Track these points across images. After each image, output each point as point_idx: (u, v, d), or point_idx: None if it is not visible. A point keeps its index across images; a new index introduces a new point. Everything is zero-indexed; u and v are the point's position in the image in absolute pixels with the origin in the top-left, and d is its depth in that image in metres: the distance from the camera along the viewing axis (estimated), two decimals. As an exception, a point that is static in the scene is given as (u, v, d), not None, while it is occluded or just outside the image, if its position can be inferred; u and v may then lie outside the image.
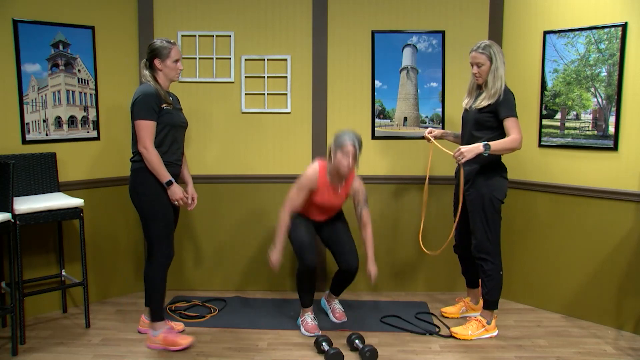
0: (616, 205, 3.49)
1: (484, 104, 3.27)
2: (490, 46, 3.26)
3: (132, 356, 3.16)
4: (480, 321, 3.42)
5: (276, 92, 4.12)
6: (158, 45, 3.13)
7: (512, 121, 3.22)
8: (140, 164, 3.11)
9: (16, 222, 3.21)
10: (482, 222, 3.33)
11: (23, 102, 3.56)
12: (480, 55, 3.27)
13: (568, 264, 3.73)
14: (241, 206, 4.19)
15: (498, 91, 3.24)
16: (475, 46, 3.30)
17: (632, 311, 3.47)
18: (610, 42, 3.43)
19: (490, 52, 3.25)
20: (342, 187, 3.43)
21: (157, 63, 3.14)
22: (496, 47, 3.28)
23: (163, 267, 3.20)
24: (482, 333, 3.41)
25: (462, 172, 3.32)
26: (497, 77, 3.25)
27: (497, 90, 3.24)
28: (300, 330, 3.47)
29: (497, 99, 3.23)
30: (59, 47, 3.68)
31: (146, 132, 3.05)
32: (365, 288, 4.22)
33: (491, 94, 3.25)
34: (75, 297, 3.89)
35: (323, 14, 4.04)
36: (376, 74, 4.09)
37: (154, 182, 3.11)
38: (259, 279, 4.23)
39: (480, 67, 3.28)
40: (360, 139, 3.29)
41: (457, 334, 3.40)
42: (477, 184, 3.34)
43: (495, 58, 3.25)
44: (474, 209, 3.36)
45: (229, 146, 4.15)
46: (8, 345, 3.24)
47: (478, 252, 3.37)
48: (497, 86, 3.24)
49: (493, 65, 3.25)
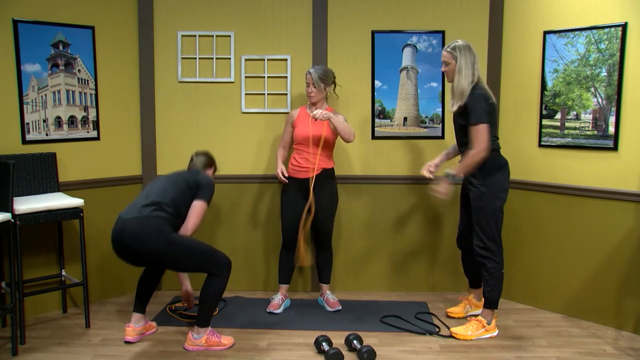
0: (616, 205, 3.49)
1: (455, 107, 3.29)
2: (459, 47, 3.25)
3: (132, 356, 3.16)
4: (480, 321, 3.42)
5: (276, 92, 4.12)
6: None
7: (475, 130, 3.19)
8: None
9: (16, 222, 3.21)
10: (485, 220, 3.32)
11: (23, 102, 3.56)
12: (447, 54, 3.29)
13: (568, 264, 3.73)
14: (241, 206, 4.19)
15: (464, 93, 3.23)
16: (446, 45, 3.32)
17: (632, 311, 3.47)
18: (610, 42, 3.43)
19: (456, 52, 3.25)
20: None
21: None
22: (465, 49, 3.25)
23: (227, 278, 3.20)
24: (482, 333, 3.41)
25: (445, 184, 3.33)
26: (461, 77, 3.24)
27: (462, 91, 3.24)
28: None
29: (466, 102, 3.23)
30: (59, 47, 3.68)
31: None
32: (365, 288, 4.22)
33: (457, 95, 3.27)
34: (75, 297, 3.89)
35: (323, 14, 4.04)
36: (376, 74, 4.09)
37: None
38: (259, 279, 4.23)
39: (447, 66, 3.31)
40: (325, 69, 3.69)
41: (457, 334, 3.40)
42: (477, 182, 3.33)
43: (459, 58, 3.24)
44: (477, 206, 3.34)
45: (229, 146, 4.15)
46: (8, 345, 3.24)
47: (480, 249, 3.36)
48: (461, 87, 3.24)
49: (457, 65, 3.24)
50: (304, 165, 3.67)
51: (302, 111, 3.79)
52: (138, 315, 3.36)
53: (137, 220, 2.99)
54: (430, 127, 4.11)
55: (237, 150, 4.16)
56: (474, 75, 3.26)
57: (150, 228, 2.97)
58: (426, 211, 4.17)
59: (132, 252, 3.01)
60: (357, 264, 4.23)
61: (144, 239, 2.95)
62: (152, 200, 3.07)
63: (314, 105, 3.73)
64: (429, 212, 4.17)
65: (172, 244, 3.01)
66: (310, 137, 3.65)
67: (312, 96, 3.69)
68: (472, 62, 3.25)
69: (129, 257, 3.05)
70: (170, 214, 3.07)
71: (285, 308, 3.85)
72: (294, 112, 3.81)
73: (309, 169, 3.67)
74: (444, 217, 4.16)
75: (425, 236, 4.20)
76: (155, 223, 2.99)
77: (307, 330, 3.49)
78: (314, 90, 3.67)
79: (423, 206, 4.16)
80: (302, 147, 3.69)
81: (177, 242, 3.03)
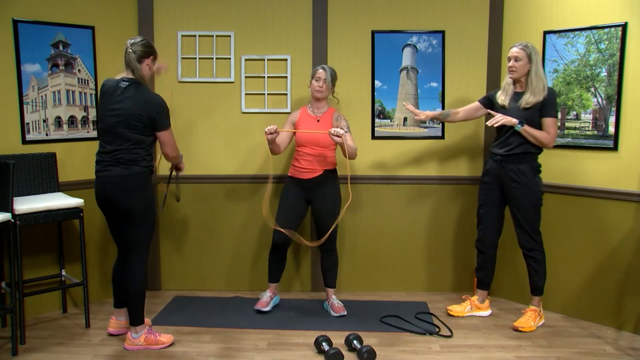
0: (616, 205, 3.49)
1: (532, 102, 3.39)
2: (531, 46, 3.42)
3: (132, 356, 3.16)
4: (535, 310, 3.56)
5: (276, 92, 4.12)
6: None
7: (552, 121, 3.40)
8: (146, 169, 3.12)
9: (16, 222, 3.21)
10: (534, 216, 3.48)
11: (23, 102, 3.56)
12: (520, 50, 3.40)
13: (568, 264, 3.73)
14: (241, 206, 4.19)
15: (544, 88, 3.39)
16: (516, 43, 3.44)
17: (632, 311, 3.47)
18: (610, 42, 3.43)
19: (529, 49, 3.39)
20: (322, 116, 3.70)
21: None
22: (535, 49, 3.42)
23: (145, 269, 3.23)
24: (539, 321, 3.58)
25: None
26: (539, 74, 3.39)
27: (543, 86, 3.39)
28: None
29: (544, 97, 3.37)
30: (59, 47, 3.68)
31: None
32: (365, 288, 4.22)
33: (535, 90, 3.39)
34: (75, 297, 3.89)
35: (323, 14, 4.04)
36: (376, 74, 4.09)
37: (151, 187, 3.18)
38: (259, 279, 4.23)
39: (517, 62, 3.41)
40: (334, 71, 3.70)
41: (523, 327, 3.50)
42: (526, 180, 3.45)
43: (534, 56, 3.39)
44: (524, 204, 3.47)
45: (229, 146, 4.15)
46: (8, 345, 3.24)
47: (529, 244, 3.51)
48: (542, 83, 3.39)
49: (534, 63, 3.38)
50: (307, 167, 3.66)
51: (303, 112, 3.74)
52: (118, 309, 3.40)
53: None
54: (430, 127, 4.11)
55: (237, 150, 4.15)
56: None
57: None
58: (426, 211, 4.17)
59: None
60: (357, 264, 4.23)
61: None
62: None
63: (317, 102, 3.70)
64: (429, 212, 4.17)
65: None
66: (313, 141, 3.61)
67: (320, 91, 3.64)
68: (541, 62, 3.46)
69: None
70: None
71: (274, 305, 3.84)
72: (295, 114, 3.76)
73: (311, 170, 3.66)
74: (444, 217, 4.16)
75: (426, 236, 4.20)
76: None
77: (307, 330, 3.49)
78: (324, 86, 3.63)
79: (423, 206, 4.16)
80: (305, 149, 3.66)
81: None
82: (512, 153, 3.45)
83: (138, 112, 3.03)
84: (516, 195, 3.48)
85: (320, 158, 3.64)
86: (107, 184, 3.09)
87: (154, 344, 3.23)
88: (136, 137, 3.06)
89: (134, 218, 3.10)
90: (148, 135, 3.10)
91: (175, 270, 4.25)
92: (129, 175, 3.06)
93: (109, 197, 3.11)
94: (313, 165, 3.64)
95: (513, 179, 3.47)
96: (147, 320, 3.37)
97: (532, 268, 3.55)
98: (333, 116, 3.71)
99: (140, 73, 3.09)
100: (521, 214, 3.49)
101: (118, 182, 3.06)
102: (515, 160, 3.45)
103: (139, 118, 3.03)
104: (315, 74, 3.65)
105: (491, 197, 3.61)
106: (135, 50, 3.06)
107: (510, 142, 3.45)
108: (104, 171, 3.10)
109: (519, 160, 3.45)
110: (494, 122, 3.39)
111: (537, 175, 3.48)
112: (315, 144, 3.63)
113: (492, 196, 3.61)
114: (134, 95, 3.04)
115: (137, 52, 3.07)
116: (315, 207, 3.70)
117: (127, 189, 3.07)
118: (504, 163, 3.48)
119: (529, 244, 3.51)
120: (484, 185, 3.65)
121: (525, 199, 3.46)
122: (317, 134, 3.59)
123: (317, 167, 3.65)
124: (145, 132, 3.08)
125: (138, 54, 3.07)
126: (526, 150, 3.42)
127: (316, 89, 3.64)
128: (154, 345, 3.23)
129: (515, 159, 3.45)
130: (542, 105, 3.38)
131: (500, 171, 3.51)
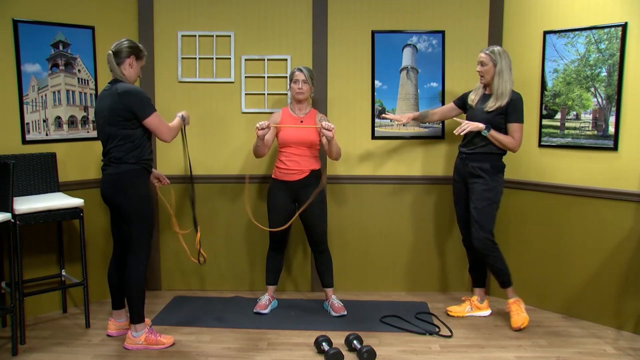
0: (616, 205, 3.49)
1: (495, 107, 3.45)
2: (499, 51, 3.46)
3: (132, 356, 3.16)
4: (515, 302, 3.57)
5: (276, 92, 4.12)
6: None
7: (517, 126, 3.46)
8: (136, 165, 3.12)
9: (16, 222, 3.21)
10: (489, 213, 3.51)
11: (23, 102, 3.56)
12: (485, 56, 3.46)
13: (568, 264, 3.73)
14: (241, 206, 4.19)
15: (504, 94, 3.43)
16: (484, 48, 3.53)
17: (632, 311, 3.47)
18: (610, 42, 3.43)
19: (495, 55, 3.44)
20: (305, 117, 3.70)
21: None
22: (504, 54, 3.46)
23: (146, 268, 3.24)
24: (523, 306, 3.60)
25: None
26: (502, 79, 3.43)
27: (503, 92, 3.43)
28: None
29: (507, 102, 3.42)
30: (59, 47, 3.69)
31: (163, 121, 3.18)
32: (365, 288, 4.22)
33: (498, 95, 3.44)
34: (75, 297, 3.89)
35: (323, 14, 4.04)
36: (376, 74, 4.09)
37: (146, 184, 3.19)
38: (259, 279, 4.23)
39: (483, 67, 3.47)
40: (311, 70, 3.71)
41: (522, 324, 3.50)
42: (486, 177, 3.50)
43: (500, 61, 3.43)
44: (484, 198, 3.50)
45: (229, 146, 4.15)
46: (8, 345, 3.24)
47: (486, 241, 3.51)
48: (503, 88, 3.43)
49: (498, 68, 3.42)
50: (292, 168, 3.63)
51: (285, 113, 3.73)
52: (117, 311, 3.41)
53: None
54: (430, 127, 4.11)
55: (237, 150, 4.15)
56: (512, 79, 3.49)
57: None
58: (426, 211, 4.17)
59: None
60: (357, 264, 4.23)
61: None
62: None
63: (299, 103, 3.69)
64: (429, 212, 4.17)
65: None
66: (298, 141, 3.61)
67: (301, 93, 3.64)
68: (510, 67, 3.46)
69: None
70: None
71: (272, 309, 3.83)
72: (277, 115, 3.74)
73: (299, 171, 3.64)
74: (444, 216, 4.16)
75: (425, 236, 4.20)
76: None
77: (307, 330, 3.49)
78: (304, 87, 3.64)
79: (423, 206, 4.16)
80: (289, 149, 3.64)
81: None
82: (475, 152, 3.53)
83: (116, 107, 3.06)
84: (476, 190, 3.53)
85: (306, 158, 3.64)
86: (103, 182, 3.19)
87: (154, 344, 3.24)
88: (122, 132, 3.09)
89: (129, 216, 3.14)
90: (135, 128, 3.11)
91: (175, 270, 4.25)
92: (119, 173, 3.11)
93: (105, 195, 3.19)
94: (300, 166, 3.63)
95: (474, 175, 3.54)
96: (147, 320, 3.38)
97: (492, 265, 3.56)
98: (316, 117, 3.72)
99: (118, 72, 3.13)
100: (478, 209, 3.51)
101: (111, 181, 3.14)
102: (478, 158, 3.53)
103: (118, 112, 3.06)
104: (293, 77, 3.67)
105: (459, 194, 3.70)
106: (114, 52, 3.12)
107: (475, 142, 3.54)
108: (103, 171, 3.20)
109: (481, 158, 3.52)
110: (460, 130, 3.44)
111: (499, 174, 3.53)
112: (301, 144, 3.63)
113: (459, 192, 3.69)
114: (111, 92, 3.10)
115: (116, 53, 3.13)
116: (303, 208, 3.66)
117: (119, 187, 3.13)
118: (468, 160, 3.56)
119: (486, 241, 3.50)
120: (454, 183, 3.75)
121: (486, 193, 3.50)
122: (305, 132, 3.60)
123: (304, 167, 3.63)
124: (129, 126, 3.09)
125: (118, 55, 3.13)
126: (490, 150, 3.50)
127: (297, 91, 3.65)
128: (154, 345, 3.24)
129: (479, 157, 3.52)
130: (505, 110, 3.44)
131: (464, 168, 3.59)
